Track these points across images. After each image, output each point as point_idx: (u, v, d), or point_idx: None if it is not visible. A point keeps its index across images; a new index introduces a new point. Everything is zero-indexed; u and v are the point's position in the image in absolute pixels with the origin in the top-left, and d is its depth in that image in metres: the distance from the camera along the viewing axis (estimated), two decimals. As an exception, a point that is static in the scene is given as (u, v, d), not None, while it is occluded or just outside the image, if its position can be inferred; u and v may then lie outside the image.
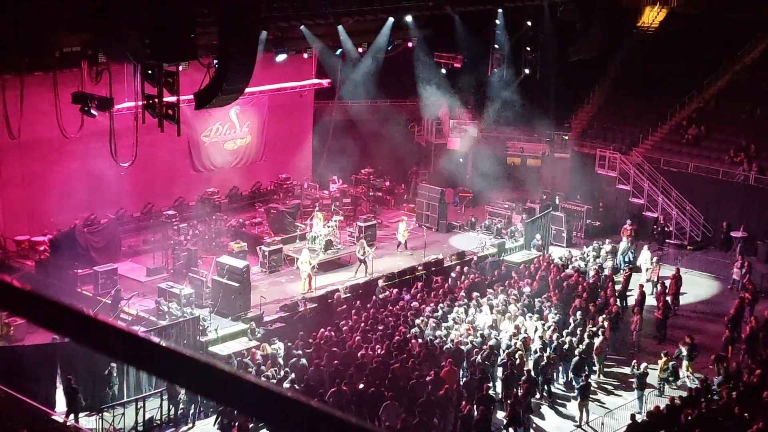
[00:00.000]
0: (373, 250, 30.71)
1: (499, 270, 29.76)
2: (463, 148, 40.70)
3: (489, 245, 32.64)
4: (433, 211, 35.00)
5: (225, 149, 36.26)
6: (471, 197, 38.23)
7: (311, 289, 28.01)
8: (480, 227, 34.87)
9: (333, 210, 33.88)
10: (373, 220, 33.70)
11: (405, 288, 27.84)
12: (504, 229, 34.23)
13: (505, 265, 30.29)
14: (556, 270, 29.33)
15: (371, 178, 37.83)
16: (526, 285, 28.00)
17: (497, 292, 27.37)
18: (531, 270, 29.56)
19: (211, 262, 27.98)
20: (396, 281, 28.46)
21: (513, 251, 32.62)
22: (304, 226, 32.39)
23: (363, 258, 29.65)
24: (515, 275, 29.10)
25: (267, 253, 29.80)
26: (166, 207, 32.96)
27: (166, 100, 23.15)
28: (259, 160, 37.68)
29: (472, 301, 26.46)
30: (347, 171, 37.82)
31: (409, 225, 33.70)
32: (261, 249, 30.11)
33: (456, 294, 27.14)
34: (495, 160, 40.01)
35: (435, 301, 26.56)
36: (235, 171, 36.75)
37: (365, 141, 38.39)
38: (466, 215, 36.42)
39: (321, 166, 39.25)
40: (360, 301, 26.55)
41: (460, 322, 25.19)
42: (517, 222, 34.84)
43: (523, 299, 26.79)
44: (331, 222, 31.77)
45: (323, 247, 30.40)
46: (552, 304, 26.63)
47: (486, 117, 40.73)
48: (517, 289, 27.68)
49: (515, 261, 31.25)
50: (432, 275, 29.21)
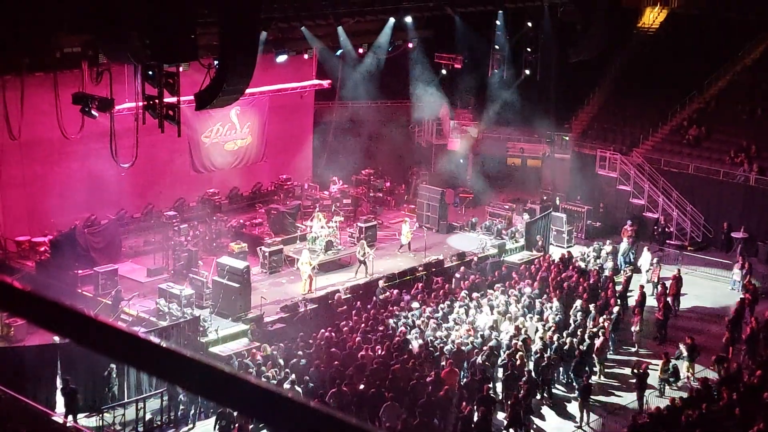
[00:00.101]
0: (374, 250, 30.70)
1: (500, 271, 29.76)
2: (464, 148, 40.70)
3: (489, 246, 32.63)
4: (434, 212, 34.98)
5: (225, 150, 36.26)
6: (471, 198, 38.22)
7: (312, 290, 28.00)
8: (480, 228, 34.85)
9: (333, 211, 33.88)
10: (374, 220, 33.70)
11: (405, 289, 27.84)
12: (504, 230, 34.22)
13: (506, 266, 30.29)
14: (556, 271, 29.32)
15: (372, 178, 37.82)
16: (526, 286, 28.00)
17: (498, 292, 27.37)
18: (531, 271, 29.55)
19: (212, 262, 27.98)
20: (396, 282, 28.45)
21: (513, 252, 32.61)
22: (304, 226, 32.38)
23: (363, 259, 29.64)
24: (516, 276, 29.09)
25: (267, 254, 29.80)
26: (166, 208, 32.97)
27: (166, 100, 23.16)
28: (260, 160, 37.67)
29: (472, 302, 26.45)
30: (348, 172, 37.81)
31: (412, 226, 33.67)
32: (261, 250, 30.11)
33: (456, 294, 27.13)
34: (495, 160, 40.05)
35: (435, 302, 26.55)
36: (236, 172, 36.74)
37: (366, 142, 38.41)
38: (466, 216, 36.40)
39: (321, 166, 39.23)
40: (360, 302, 26.54)
41: (460, 322, 25.18)
42: (518, 223, 34.83)
43: (524, 300, 26.78)
44: (332, 223, 31.77)
45: (324, 248, 30.39)
46: (552, 304, 26.63)
47: (486, 118, 40.71)
48: (518, 290, 27.68)
49: (516, 262, 31.25)
50: (432, 276, 29.19)
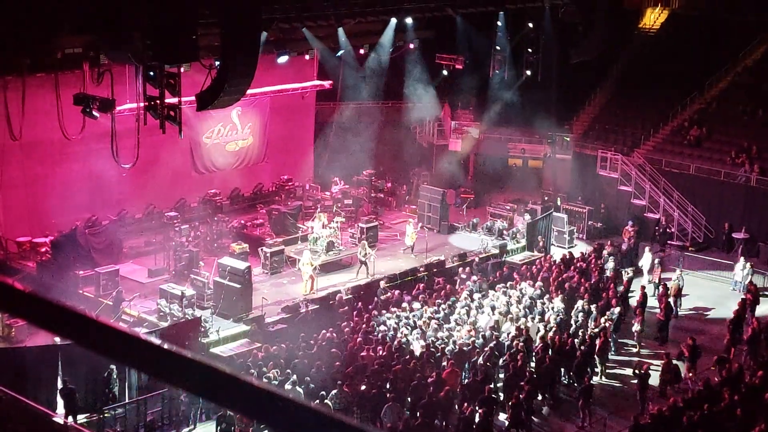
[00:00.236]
0: (375, 251, 30.70)
1: (501, 271, 29.75)
2: (465, 149, 40.73)
3: (491, 246, 32.62)
4: (435, 213, 34.97)
5: (227, 150, 36.27)
6: (472, 198, 38.21)
7: (313, 291, 28.01)
8: (482, 228, 34.85)
9: (334, 211, 33.88)
10: (375, 221, 33.71)
11: (407, 290, 27.83)
12: (506, 231, 34.22)
13: (507, 267, 30.28)
14: (557, 271, 29.32)
15: (373, 179, 37.82)
16: (528, 286, 27.99)
17: (499, 293, 27.37)
18: (533, 271, 29.54)
19: (213, 263, 27.99)
20: (398, 282, 28.44)
21: (515, 252, 32.60)
22: (305, 227, 32.38)
23: (364, 259, 29.65)
24: (517, 276, 29.09)
25: (268, 255, 29.80)
26: (167, 208, 32.98)
27: (167, 101, 23.17)
28: (261, 161, 37.68)
29: (473, 303, 26.45)
30: (349, 172, 37.81)
31: (416, 226, 33.63)
32: (262, 250, 30.11)
33: (458, 295, 27.13)
34: (496, 161, 40.05)
35: (437, 303, 26.54)
36: (237, 172, 36.75)
37: (367, 142, 38.39)
38: (467, 216, 36.39)
39: (322, 167, 39.24)
40: (362, 303, 26.54)
41: (462, 323, 25.17)
42: (519, 223, 34.83)
43: (525, 300, 26.77)
44: (333, 223, 31.77)
45: (325, 249, 30.39)
46: (554, 305, 26.62)
47: (487, 118, 40.72)
48: (519, 291, 27.67)
49: (517, 262, 31.24)
50: (434, 277, 29.18)
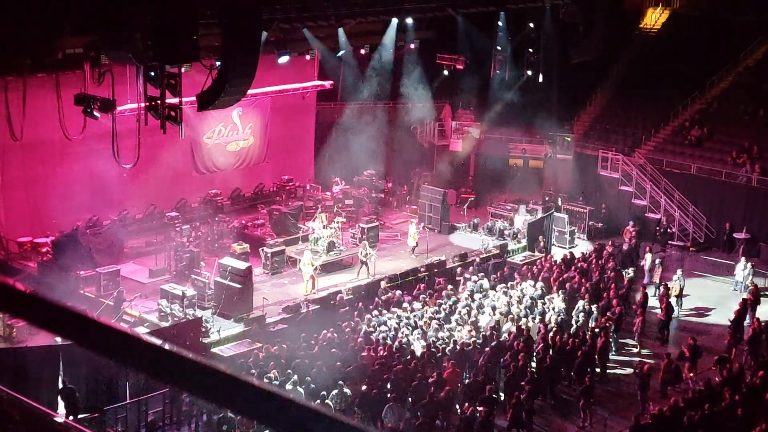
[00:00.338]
0: (375, 251, 30.71)
1: (502, 271, 29.75)
2: (466, 149, 40.73)
3: (492, 247, 32.62)
4: (436, 213, 34.98)
5: (227, 151, 36.28)
6: (473, 199, 38.21)
7: (314, 291, 28.01)
8: (482, 229, 34.85)
9: (335, 211, 33.88)
10: (376, 221, 33.71)
11: (407, 290, 27.83)
12: (506, 231, 34.22)
13: (508, 267, 30.27)
14: (558, 271, 29.32)
15: (373, 179, 37.81)
16: (528, 286, 27.99)
17: (500, 293, 27.37)
18: (534, 271, 29.54)
19: (214, 263, 28.01)
20: (399, 283, 28.44)
21: (516, 253, 32.60)
22: (306, 227, 32.38)
23: (365, 259, 29.65)
24: (518, 277, 29.09)
25: (269, 255, 29.79)
26: (168, 208, 32.99)
27: (168, 101, 23.17)
28: (262, 161, 37.69)
29: (474, 303, 26.45)
30: (349, 172, 37.81)
31: (418, 227, 33.60)
32: (263, 250, 30.11)
33: (458, 295, 27.13)
34: (497, 161, 40.04)
35: (437, 303, 26.54)
36: (238, 172, 36.76)
37: (368, 142, 38.39)
38: (468, 217, 36.38)
39: (323, 167, 39.25)
40: (362, 303, 26.54)
41: (462, 323, 25.18)
42: (520, 223, 34.82)
43: (526, 301, 26.78)
44: (334, 223, 31.77)
45: (326, 249, 30.39)
46: (554, 305, 26.62)
47: (488, 118, 40.72)
48: (520, 291, 27.67)
49: (518, 262, 31.23)
50: (435, 277, 29.18)
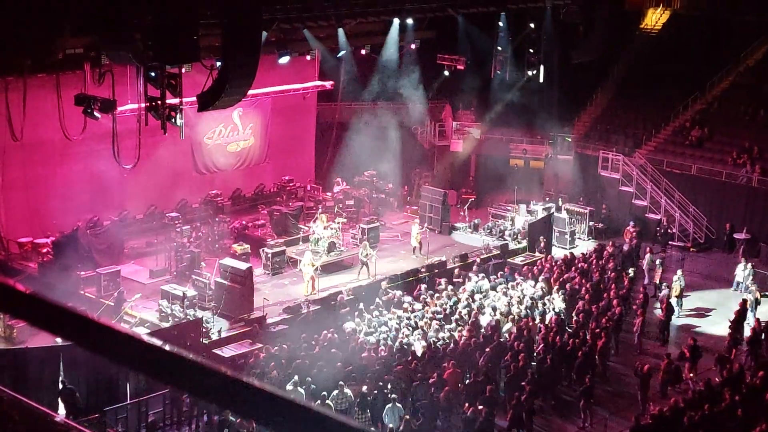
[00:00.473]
0: (376, 252, 30.71)
1: (503, 272, 29.75)
2: (466, 150, 40.73)
3: (492, 247, 32.62)
4: (436, 213, 34.98)
5: (228, 151, 36.28)
6: (474, 199, 38.22)
7: (314, 291, 28.01)
8: (483, 229, 34.86)
9: (336, 212, 33.88)
10: (376, 222, 33.71)
11: (408, 290, 27.84)
12: (507, 231, 34.22)
13: (508, 267, 30.27)
14: (558, 272, 29.32)
15: (374, 180, 37.81)
16: (529, 287, 28.00)
17: (500, 293, 27.38)
18: (534, 272, 29.54)
19: (214, 264, 28.01)
20: (399, 283, 28.44)
21: (516, 253, 32.59)
22: (307, 228, 32.38)
23: (366, 260, 29.65)
24: (518, 277, 29.10)
25: (270, 255, 29.79)
26: (169, 209, 32.97)
27: (168, 102, 23.17)
28: (262, 162, 37.69)
29: (475, 303, 26.46)
30: (350, 173, 37.82)
31: (421, 227, 33.59)
32: (264, 251, 30.11)
33: (459, 296, 27.14)
34: (498, 161, 40.04)
35: (438, 303, 26.54)
36: (238, 173, 36.75)
37: (368, 143, 38.41)
38: (468, 217, 36.39)
39: (324, 168, 39.26)
40: (363, 303, 26.54)
41: (463, 324, 25.18)
42: (520, 224, 34.83)
43: (526, 301, 26.78)
44: (334, 224, 31.77)
45: (326, 249, 30.39)
46: (555, 306, 26.63)
47: (489, 119, 40.74)
48: (520, 291, 27.67)
49: (518, 263, 31.23)
50: (435, 277, 29.18)
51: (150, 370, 2.26)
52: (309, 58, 34.36)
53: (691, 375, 24.05)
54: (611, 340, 25.47)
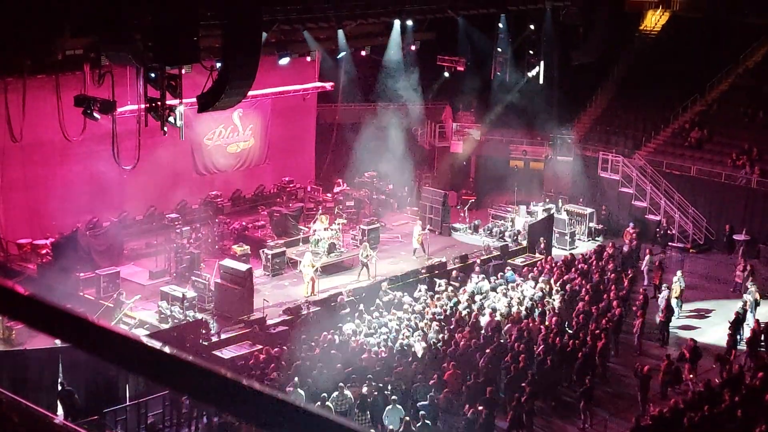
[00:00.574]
0: (376, 253, 30.70)
1: (503, 273, 29.74)
2: (466, 151, 40.73)
3: (492, 248, 32.61)
4: (436, 214, 34.98)
5: (228, 152, 36.28)
6: (474, 200, 38.22)
7: (314, 293, 28.00)
8: (483, 230, 34.84)
9: (336, 213, 33.87)
10: (377, 223, 33.70)
11: (408, 291, 27.82)
12: (507, 232, 34.21)
13: (508, 268, 30.26)
14: (558, 273, 29.32)
15: (374, 181, 37.81)
16: (529, 288, 27.99)
17: (500, 294, 27.37)
18: (534, 273, 29.53)
19: (214, 265, 27.99)
20: (399, 284, 28.43)
21: (516, 254, 32.58)
22: (307, 229, 32.37)
23: (366, 261, 29.64)
24: (518, 278, 29.08)
25: (270, 257, 29.78)
26: (168, 210, 32.96)
27: (168, 102, 23.16)
28: (263, 163, 37.68)
29: (475, 304, 26.45)
30: (350, 174, 37.82)
31: (423, 229, 33.56)
32: (264, 252, 30.10)
33: (459, 296, 27.14)
34: (498, 163, 40.04)
35: (438, 304, 26.53)
36: (238, 174, 36.75)
37: (368, 144, 38.41)
38: (469, 218, 36.38)
39: (324, 169, 39.24)
40: (363, 305, 26.53)
41: (463, 324, 25.17)
42: (520, 225, 34.83)
43: (526, 302, 26.78)
44: (335, 225, 31.75)
45: (326, 250, 30.38)
46: (555, 306, 26.63)
47: (489, 120, 40.73)
48: (520, 292, 27.67)
49: (518, 264, 31.22)
50: (435, 278, 29.16)
51: (149, 372, 2.25)
52: (309, 59, 34.35)
53: (691, 376, 24.04)
54: (611, 341, 25.48)
